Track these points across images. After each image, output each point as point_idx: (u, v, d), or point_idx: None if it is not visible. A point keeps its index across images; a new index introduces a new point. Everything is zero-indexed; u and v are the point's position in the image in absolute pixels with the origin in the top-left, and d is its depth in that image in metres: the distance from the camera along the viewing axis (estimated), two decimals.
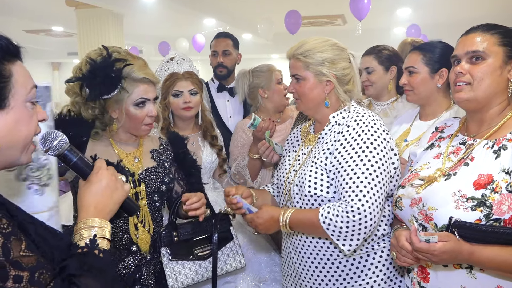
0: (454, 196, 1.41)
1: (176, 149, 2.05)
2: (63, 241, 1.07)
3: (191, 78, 2.53)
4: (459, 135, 1.60)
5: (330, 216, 1.59)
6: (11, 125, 0.99)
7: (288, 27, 7.72)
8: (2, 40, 0.98)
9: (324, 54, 1.72)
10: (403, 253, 1.45)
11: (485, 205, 1.36)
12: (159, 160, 1.95)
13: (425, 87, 2.08)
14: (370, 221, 1.56)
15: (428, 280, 1.52)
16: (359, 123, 1.67)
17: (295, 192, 1.78)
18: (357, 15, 7.08)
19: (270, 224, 1.73)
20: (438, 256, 1.35)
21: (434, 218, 1.44)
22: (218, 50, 3.44)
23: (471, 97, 1.48)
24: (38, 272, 0.90)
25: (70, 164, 1.18)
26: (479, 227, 1.34)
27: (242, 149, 2.89)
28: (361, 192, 1.57)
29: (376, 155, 1.61)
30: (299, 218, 1.70)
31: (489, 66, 1.46)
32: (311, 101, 1.78)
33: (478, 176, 1.42)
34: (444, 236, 1.34)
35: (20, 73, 1.01)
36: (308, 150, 1.83)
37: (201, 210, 1.84)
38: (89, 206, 1.11)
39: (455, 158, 1.53)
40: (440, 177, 1.50)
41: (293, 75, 1.79)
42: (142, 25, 10.64)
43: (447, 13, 10.07)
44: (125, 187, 1.21)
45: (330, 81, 1.73)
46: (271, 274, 2.48)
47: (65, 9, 8.69)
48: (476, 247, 1.34)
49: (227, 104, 3.43)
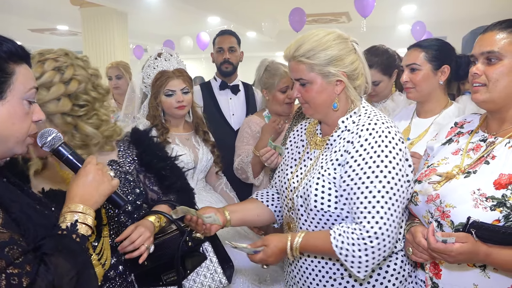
0: (473, 195, 1.39)
1: (139, 150, 1.80)
2: (49, 220, 1.15)
3: (182, 76, 2.48)
4: (479, 132, 1.56)
5: (346, 246, 1.45)
6: (5, 116, 1.09)
7: (293, 25, 7.70)
8: (13, 45, 1.11)
9: (329, 51, 1.53)
10: (420, 250, 1.43)
11: (505, 206, 1.33)
12: (120, 175, 1.70)
13: (428, 84, 2.08)
14: (389, 244, 1.44)
15: (440, 277, 1.51)
16: (372, 133, 1.50)
17: (299, 204, 1.63)
18: (362, 13, 7.06)
19: (281, 255, 1.59)
20: (454, 257, 1.34)
21: (451, 215, 1.42)
22: (224, 47, 3.42)
23: (487, 99, 1.45)
24: (8, 247, 0.98)
25: (63, 159, 1.28)
26: (498, 228, 1.32)
27: (247, 144, 2.89)
28: (378, 214, 1.43)
29: (392, 170, 1.45)
30: (310, 245, 1.55)
31: (504, 67, 1.41)
32: (321, 105, 1.59)
33: (499, 175, 1.39)
34: (462, 237, 1.32)
35: (23, 74, 1.13)
36: (315, 156, 1.67)
37: (140, 250, 1.56)
38: (75, 196, 1.19)
39: (475, 155, 1.50)
40: (459, 174, 1.47)
41: (297, 79, 1.60)
42: (146, 23, 10.65)
43: (452, 10, 10.01)
44: (113, 182, 1.28)
45: (341, 80, 1.56)
46: (271, 275, 2.43)
47: (70, 8, 8.70)
48: (493, 249, 1.32)
49: (230, 102, 3.43)
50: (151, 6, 8.78)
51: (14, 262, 0.98)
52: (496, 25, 1.45)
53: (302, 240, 1.54)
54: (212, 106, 3.37)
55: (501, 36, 1.42)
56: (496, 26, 1.44)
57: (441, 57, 2.07)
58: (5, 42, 1.11)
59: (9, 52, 1.10)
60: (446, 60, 2.07)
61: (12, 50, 1.11)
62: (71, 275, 1.05)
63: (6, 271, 0.96)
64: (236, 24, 10.04)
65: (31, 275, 0.99)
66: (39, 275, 1.00)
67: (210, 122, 2.87)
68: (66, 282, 1.04)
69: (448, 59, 2.08)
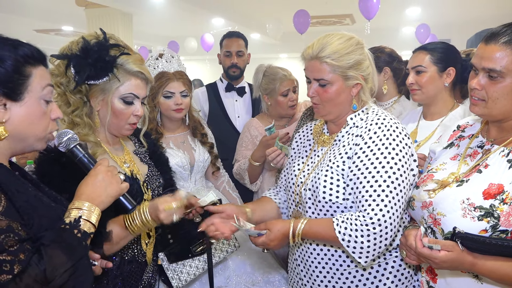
0: (462, 204, 1.39)
1: (150, 146, 1.92)
2: (55, 212, 1.19)
3: (182, 78, 2.45)
4: (479, 137, 1.55)
5: (349, 232, 1.49)
6: (24, 117, 1.16)
7: (297, 27, 7.70)
8: (29, 48, 1.17)
9: (353, 55, 1.60)
10: (412, 252, 1.45)
11: (492, 216, 1.33)
12: (147, 162, 1.84)
13: (433, 86, 2.09)
14: (390, 232, 1.49)
15: (436, 281, 1.52)
16: (381, 127, 1.57)
17: (307, 197, 1.67)
18: (366, 15, 7.04)
19: (283, 240, 1.62)
20: (438, 264, 1.36)
21: (442, 223, 1.43)
22: (232, 51, 3.39)
23: (485, 114, 1.43)
24: (4, 235, 1.02)
25: (77, 159, 1.34)
26: (483, 239, 1.32)
27: (245, 149, 2.88)
28: (382, 202, 1.48)
29: (398, 162, 1.52)
30: (313, 231, 1.58)
31: (506, 87, 1.35)
32: (337, 106, 1.65)
33: (489, 185, 1.38)
34: (448, 246, 1.34)
35: (40, 75, 1.19)
36: (323, 152, 1.72)
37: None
38: (82, 194, 1.23)
39: (471, 162, 1.49)
40: (454, 182, 1.47)
41: (317, 79, 1.63)
42: (151, 24, 10.69)
43: (457, 12, 9.99)
44: (122, 185, 1.31)
45: (359, 83, 1.63)
46: (264, 276, 2.42)
47: (75, 9, 8.74)
48: (478, 259, 1.33)
49: (235, 104, 3.42)
50: (156, 7, 8.81)
51: (8, 250, 1.02)
52: (500, 37, 1.35)
53: (304, 226, 1.58)
54: (217, 108, 3.37)
55: (504, 53, 1.33)
56: (500, 38, 1.35)
57: (447, 59, 2.09)
58: (21, 46, 1.16)
59: (25, 55, 1.16)
60: (452, 63, 2.09)
61: (28, 53, 1.17)
62: (66, 267, 1.07)
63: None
64: (241, 26, 10.04)
65: (23, 263, 1.02)
66: (31, 264, 1.03)
67: (215, 124, 2.86)
68: (60, 274, 1.05)
69: (454, 62, 2.09)
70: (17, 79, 1.14)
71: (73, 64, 1.56)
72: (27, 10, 8.84)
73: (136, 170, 1.75)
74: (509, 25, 1.37)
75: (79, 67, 1.56)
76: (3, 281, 1.00)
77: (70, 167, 1.41)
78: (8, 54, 1.13)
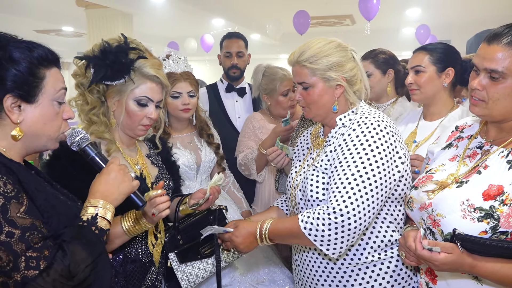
0: (462, 205, 1.38)
1: (163, 153, 2.00)
2: (72, 211, 1.24)
3: (190, 79, 2.49)
4: (478, 137, 1.54)
5: (311, 220, 1.52)
6: (37, 117, 1.20)
7: (297, 27, 7.71)
8: (43, 50, 1.20)
9: (331, 57, 1.64)
10: (411, 254, 1.44)
11: (492, 217, 1.33)
12: (158, 165, 1.90)
13: (432, 86, 2.10)
14: (355, 223, 1.48)
15: (435, 283, 1.52)
16: (361, 124, 1.60)
17: (299, 198, 1.72)
18: (366, 15, 7.05)
19: (251, 240, 1.67)
20: (438, 266, 1.36)
21: (441, 225, 1.42)
22: (232, 52, 3.40)
23: (486, 114, 1.42)
24: (29, 232, 1.07)
25: (88, 158, 1.37)
26: (483, 241, 1.31)
27: (248, 140, 2.89)
28: (346, 194, 1.50)
29: (372, 157, 1.53)
30: (279, 228, 1.62)
31: (507, 88, 1.34)
32: (321, 108, 1.70)
33: (489, 186, 1.37)
34: (448, 248, 1.33)
35: (53, 77, 1.23)
36: (316, 155, 1.77)
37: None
38: (96, 192, 1.26)
39: (471, 163, 1.48)
40: (453, 183, 1.46)
41: (300, 83, 1.70)
42: (151, 25, 10.69)
43: (457, 13, 10.00)
44: (133, 183, 1.34)
45: (340, 85, 1.66)
46: (269, 275, 2.44)
47: (75, 9, 8.75)
48: (478, 261, 1.33)
49: (236, 105, 3.43)
50: (156, 8, 8.81)
51: (34, 246, 1.06)
52: (502, 38, 1.34)
53: (270, 226, 1.64)
54: (218, 109, 3.38)
55: (506, 54, 1.33)
56: (503, 38, 1.34)
57: (446, 59, 2.09)
58: (36, 48, 1.19)
59: (40, 57, 1.19)
60: (451, 63, 2.09)
61: (42, 55, 1.20)
62: (87, 263, 1.11)
63: (26, 254, 1.05)
64: (240, 26, 10.05)
65: (49, 259, 1.07)
66: (56, 259, 1.08)
67: (216, 124, 2.87)
68: (82, 269, 1.10)
69: (453, 62, 2.10)
70: (32, 82, 1.17)
71: (92, 64, 1.65)
72: (27, 10, 8.85)
73: (147, 171, 1.80)
74: (511, 26, 1.36)
75: (97, 67, 1.64)
76: (30, 276, 1.04)
77: (81, 166, 1.46)
78: (23, 57, 1.15)
